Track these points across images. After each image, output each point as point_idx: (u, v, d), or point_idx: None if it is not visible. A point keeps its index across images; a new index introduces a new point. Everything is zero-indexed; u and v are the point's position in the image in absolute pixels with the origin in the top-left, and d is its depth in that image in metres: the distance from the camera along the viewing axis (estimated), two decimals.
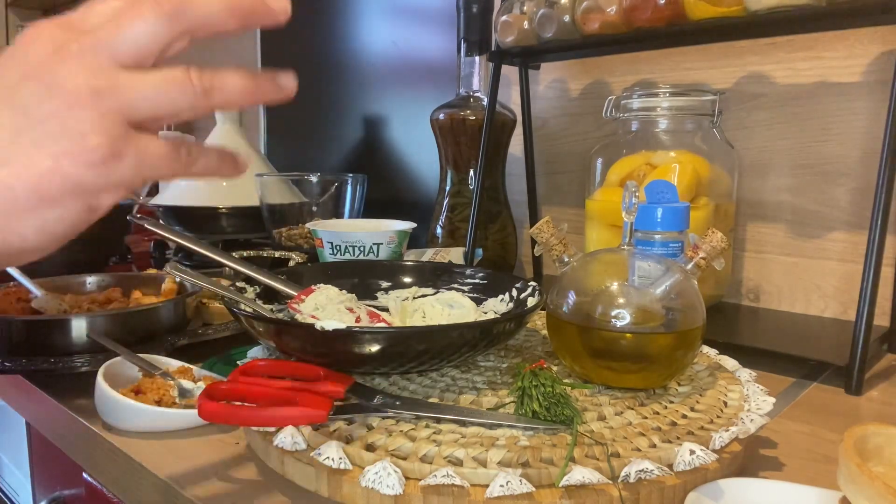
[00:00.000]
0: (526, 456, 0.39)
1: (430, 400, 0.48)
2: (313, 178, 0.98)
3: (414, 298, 0.65)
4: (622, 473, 0.38)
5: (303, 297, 0.60)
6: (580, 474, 0.37)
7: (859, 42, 0.77)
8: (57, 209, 0.29)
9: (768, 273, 0.86)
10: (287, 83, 0.32)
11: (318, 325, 0.46)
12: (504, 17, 0.86)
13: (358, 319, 0.57)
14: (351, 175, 1.00)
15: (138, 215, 0.61)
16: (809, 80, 0.81)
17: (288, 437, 0.42)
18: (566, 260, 0.54)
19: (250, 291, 0.61)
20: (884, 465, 0.36)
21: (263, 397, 0.44)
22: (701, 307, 0.50)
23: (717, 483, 0.39)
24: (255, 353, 0.57)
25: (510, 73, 1.04)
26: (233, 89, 0.30)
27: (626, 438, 0.42)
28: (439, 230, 1.00)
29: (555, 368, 0.55)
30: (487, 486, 0.37)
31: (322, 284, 0.62)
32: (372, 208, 1.03)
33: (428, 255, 0.87)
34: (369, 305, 0.62)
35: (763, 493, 0.39)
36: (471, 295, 0.64)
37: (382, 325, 0.59)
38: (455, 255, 0.88)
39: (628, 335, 0.49)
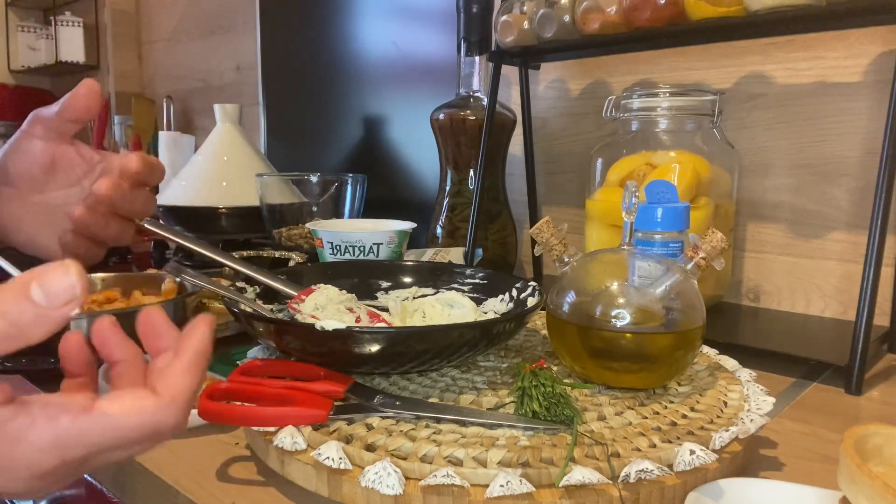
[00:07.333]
0: (526, 456, 0.39)
1: (430, 400, 0.48)
2: (313, 178, 0.98)
3: (414, 298, 0.65)
4: (622, 473, 0.38)
5: (303, 297, 0.60)
6: (580, 474, 0.37)
7: (859, 42, 0.77)
8: None
9: (768, 273, 0.86)
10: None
11: (318, 325, 0.46)
12: (504, 17, 0.86)
13: (358, 319, 0.57)
14: (351, 175, 1.00)
15: None
16: (809, 80, 0.81)
17: (288, 437, 0.42)
18: (566, 260, 0.54)
19: (250, 291, 0.61)
20: (884, 465, 0.36)
21: (263, 397, 0.44)
22: (701, 307, 0.50)
23: (717, 483, 0.39)
24: (255, 353, 0.57)
25: (510, 73, 1.04)
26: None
27: (626, 438, 0.42)
28: (439, 230, 1.00)
29: (555, 368, 0.55)
30: (487, 486, 0.37)
31: (322, 284, 0.62)
32: (372, 208, 1.03)
33: (428, 255, 0.87)
34: (369, 305, 0.62)
35: (763, 493, 0.39)
36: (471, 295, 0.64)
37: (382, 325, 0.59)
38: (455, 255, 0.88)
39: (628, 335, 0.49)
